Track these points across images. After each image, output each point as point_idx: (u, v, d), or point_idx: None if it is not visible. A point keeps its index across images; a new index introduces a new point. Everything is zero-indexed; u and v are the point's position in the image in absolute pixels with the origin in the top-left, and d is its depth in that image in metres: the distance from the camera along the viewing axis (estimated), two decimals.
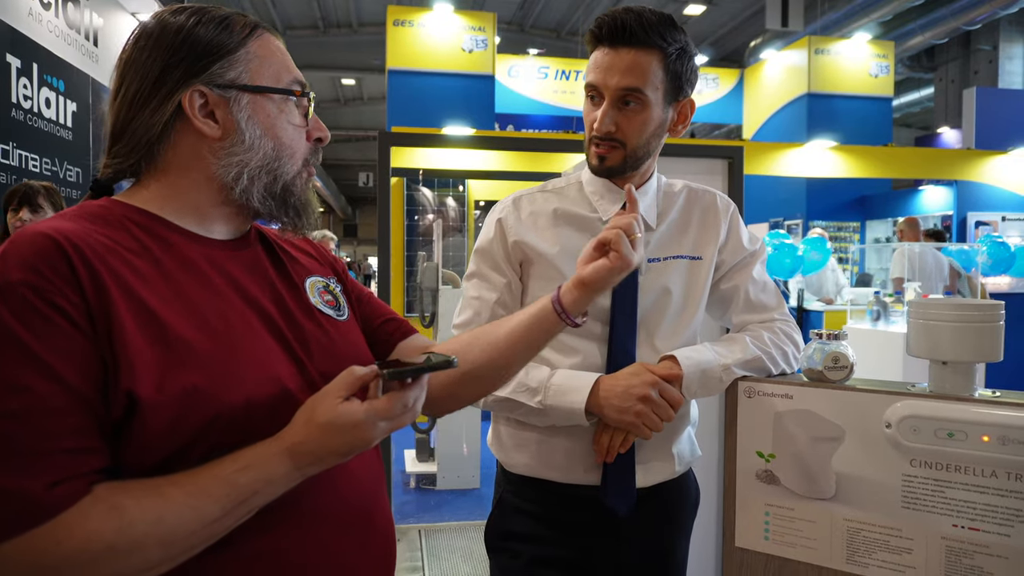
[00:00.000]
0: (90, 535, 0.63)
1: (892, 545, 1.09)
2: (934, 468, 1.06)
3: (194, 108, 0.80)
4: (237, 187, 0.82)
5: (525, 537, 1.27)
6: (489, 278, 1.28)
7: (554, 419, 1.19)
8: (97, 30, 3.58)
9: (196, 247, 0.82)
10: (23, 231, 0.71)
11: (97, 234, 0.73)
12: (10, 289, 0.66)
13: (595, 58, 1.19)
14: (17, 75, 2.70)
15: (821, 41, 10.23)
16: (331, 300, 0.95)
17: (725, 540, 1.26)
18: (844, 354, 1.16)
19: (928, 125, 15.82)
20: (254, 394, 0.75)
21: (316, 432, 0.72)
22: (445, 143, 3.08)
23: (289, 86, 0.86)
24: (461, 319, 1.30)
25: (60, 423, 0.65)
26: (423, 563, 3.25)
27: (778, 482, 1.19)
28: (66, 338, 0.66)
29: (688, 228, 1.31)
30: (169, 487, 0.68)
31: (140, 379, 0.68)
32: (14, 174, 2.66)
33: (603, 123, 1.18)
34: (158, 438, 0.69)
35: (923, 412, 1.06)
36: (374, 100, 18.87)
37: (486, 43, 8.90)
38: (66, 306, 0.67)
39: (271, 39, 0.86)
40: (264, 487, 0.71)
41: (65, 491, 0.63)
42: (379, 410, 0.73)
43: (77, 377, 0.66)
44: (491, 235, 1.29)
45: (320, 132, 0.90)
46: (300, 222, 0.88)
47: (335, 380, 0.75)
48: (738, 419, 1.24)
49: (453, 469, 4.26)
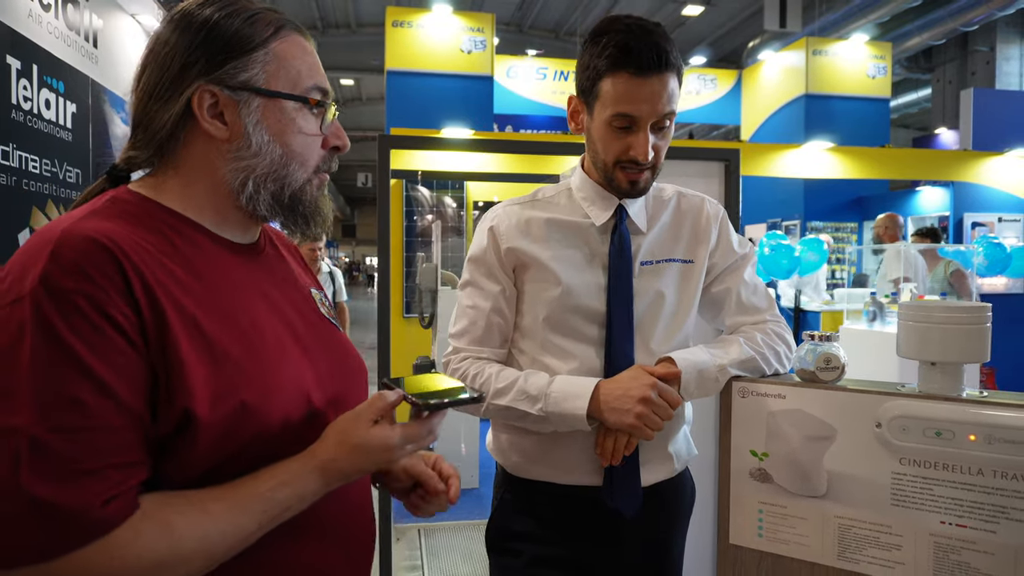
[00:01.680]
0: (142, 551, 0.64)
1: (882, 541, 1.11)
2: (923, 466, 1.08)
3: (202, 108, 0.77)
4: (244, 194, 0.80)
5: (526, 537, 1.29)
6: (483, 286, 1.29)
7: (556, 425, 1.20)
8: (97, 31, 3.59)
9: (222, 251, 0.81)
10: (67, 230, 0.67)
11: (138, 237, 0.71)
12: (64, 296, 0.63)
13: (627, 87, 1.14)
14: (17, 76, 2.70)
15: (819, 42, 10.25)
16: (330, 311, 0.96)
17: (720, 537, 1.28)
18: (836, 355, 1.18)
19: (925, 126, 15.85)
20: (289, 411, 0.76)
21: (348, 452, 0.75)
22: (445, 146, 3.09)
23: (307, 92, 0.82)
24: (457, 328, 1.31)
25: (112, 439, 0.64)
26: (423, 562, 3.27)
27: (771, 480, 1.21)
28: (119, 352, 0.65)
29: (680, 232, 1.32)
30: (212, 503, 0.69)
31: (197, 397, 0.68)
32: (14, 175, 2.67)
33: (647, 151, 1.17)
34: (204, 454, 0.70)
35: (912, 412, 1.08)
36: (373, 101, 18.89)
37: (485, 44, 8.91)
38: (119, 318, 0.65)
39: (298, 40, 0.83)
40: (297, 503, 0.74)
41: (118, 507, 0.64)
42: (410, 435, 0.78)
43: (129, 392, 0.65)
44: (484, 243, 1.29)
45: (338, 140, 0.87)
46: (309, 230, 0.86)
47: (367, 403, 0.78)
48: (732, 419, 1.26)
49: None
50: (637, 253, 1.28)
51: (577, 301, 1.24)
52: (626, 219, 1.27)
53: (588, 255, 1.27)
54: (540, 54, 12.47)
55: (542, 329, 1.26)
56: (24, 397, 0.61)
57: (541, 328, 1.26)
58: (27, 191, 2.69)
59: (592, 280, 1.25)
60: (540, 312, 1.25)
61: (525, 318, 1.28)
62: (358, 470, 0.77)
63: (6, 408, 0.61)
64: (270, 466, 0.74)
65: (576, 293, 1.24)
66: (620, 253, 1.25)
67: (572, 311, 1.24)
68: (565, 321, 1.25)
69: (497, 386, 1.23)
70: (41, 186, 2.80)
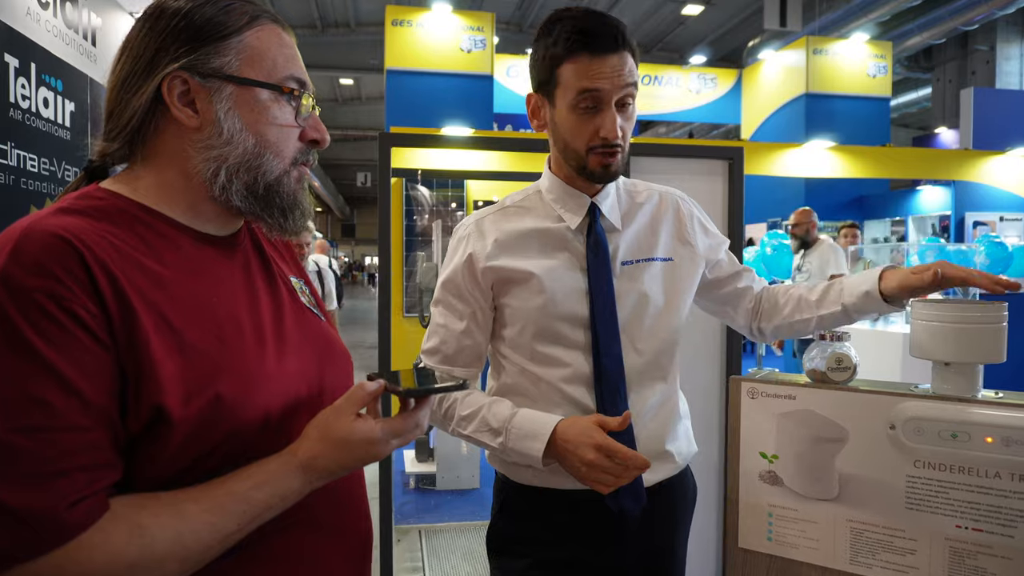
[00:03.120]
0: (113, 555, 0.62)
1: (896, 546, 1.09)
2: (937, 469, 1.06)
3: (172, 95, 0.75)
4: (216, 184, 0.77)
5: (527, 540, 1.27)
6: (455, 307, 1.27)
7: (515, 460, 1.20)
8: (96, 30, 3.57)
9: (197, 245, 0.79)
10: (29, 227, 0.65)
11: (105, 233, 0.70)
12: (26, 295, 0.62)
13: (588, 67, 1.14)
14: (15, 75, 2.68)
15: (819, 41, 10.25)
16: (311, 300, 0.94)
17: (727, 541, 1.26)
18: (847, 355, 1.16)
19: (926, 125, 15.86)
20: (269, 403, 0.75)
21: (330, 448, 0.73)
22: (446, 143, 3.08)
23: (283, 82, 0.80)
24: (429, 345, 1.30)
25: (79, 439, 0.62)
26: (423, 564, 3.25)
27: (781, 483, 1.19)
28: (84, 350, 0.63)
29: (658, 230, 1.30)
30: (186, 504, 0.67)
31: (169, 393, 0.66)
32: (12, 174, 2.65)
33: (615, 129, 1.16)
34: (177, 451, 0.68)
35: (927, 413, 1.06)
36: (372, 100, 18.88)
37: (484, 43, 8.91)
38: (84, 316, 0.63)
39: (275, 31, 0.81)
40: (278, 502, 0.72)
41: (86, 509, 0.61)
42: (395, 429, 0.76)
43: (95, 390, 0.63)
44: (457, 264, 1.26)
45: (316, 134, 0.84)
46: (287, 224, 0.83)
47: (347, 396, 0.75)
48: (741, 420, 1.23)
49: (452, 469, 4.26)
50: (616, 253, 1.25)
51: (561, 308, 1.21)
52: (599, 218, 1.25)
53: (567, 259, 1.24)
54: None
55: (529, 341, 1.23)
56: None
57: (529, 340, 1.23)
58: (25, 189, 2.67)
59: (573, 285, 1.23)
60: (526, 323, 1.23)
61: (510, 331, 1.26)
62: (341, 467, 0.75)
63: None
64: (248, 465, 0.71)
65: (559, 300, 1.21)
66: (596, 253, 1.23)
67: (557, 318, 1.22)
68: (551, 328, 1.22)
69: (461, 413, 1.23)
70: (39, 185, 2.78)
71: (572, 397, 1.22)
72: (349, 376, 0.93)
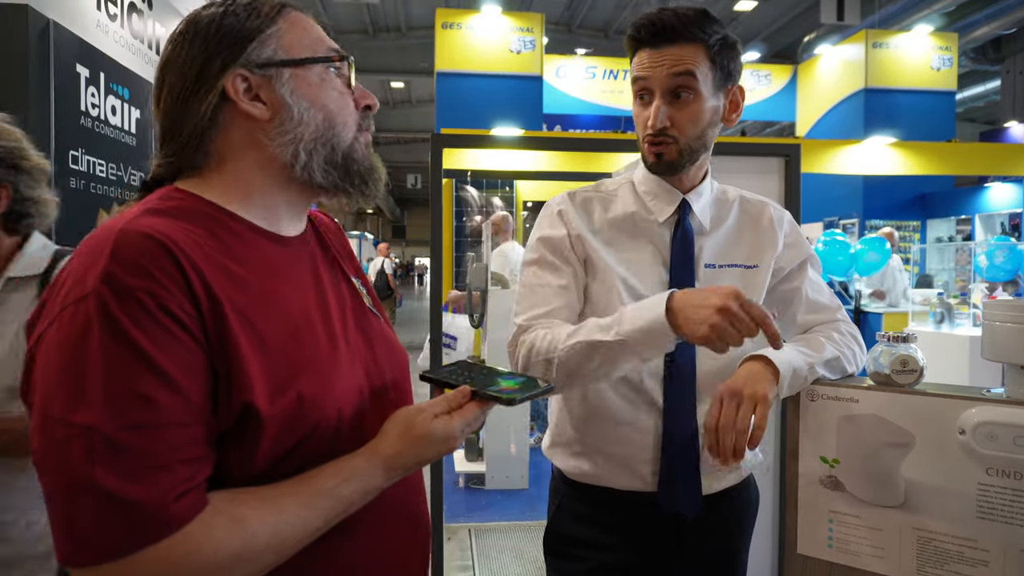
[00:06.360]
0: (218, 546, 0.64)
1: (967, 557, 1.04)
2: (1012, 477, 1.01)
3: (239, 92, 0.78)
4: (297, 164, 0.80)
5: (586, 544, 1.26)
6: (556, 265, 1.23)
7: (634, 347, 1.06)
8: (160, 39, 3.70)
9: (268, 244, 0.81)
10: (124, 228, 0.67)
11: (190, 233, 0.71)
12: (129, 294, 0.63)
13: (640, 59, 1.18)
14: (86, 84, 2.80)
15: (879, 34, 9.91)
16: (371, 301, 0.95)
17: (786, 547, 1.23)
18: (913, 357, 1.12)
19: (994, 119, 15.18)
20: (343, 403, 0.77)
21: (411, 445, 0.77)
22: (496, 144, 3.09)
23: (328, 54, 0.84)
24: (524, 305, 1.22)
25: (181, 435, 0.64)
26: (473, 562, 3.26)
27: (843, 488, 1.15)
28: (184, 348, 0.65)
29: (743, 237, 1.28)
30: (282, 499, 0.70)
31: (257, 391, 0.69)
32: (83, 179, 2.76)
33: (657, 118, 1.16)
34: (267, 447, 0.70)
35: (1000, 419, 1.01)
36: (422, 103, 19.09)
37: (534, 44, 8.91)
38: (181, 315, 0.66)
39: (299, 15, 0.84)
40: (361, 498, 0.75)
41: (189, 502, 0.64)
42: (468, 423, 0.79)
43: (195, 388, 0.66)
44: (554, 224, 1.26)
45: (367, 99, 0.87)
46: (368, 189, 0.86)
47: (444, 398, 0.80)
48: (800, 423, 1.20)
49: (502, 469, 4.27)
50: (700, 255, 1.24)
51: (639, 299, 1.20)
52: (689, 215, 1.24)
53: (651, 252, 1.24)
54: (589, 53, 12.38)
55: None
56: (95, 394, 0.61)
57: None
58: (94, 194, 2.79)
59: (655, 278, 1.22)
60: (606, 308, 1.21)
61: (587, 310, 1.24)
62: (420, 462, 0.79)
63: (78, 406, 0.61)
64: (334, 461, 0.74)
65: (640, 293, 1.20)
66: (683, 249, 1.22)
67: None
68: None
69: (569, 331, 1.13)
70: (107, 189, 2.90)
71: (642, 388, 1.21)
72: (407, 374, 0.95)
